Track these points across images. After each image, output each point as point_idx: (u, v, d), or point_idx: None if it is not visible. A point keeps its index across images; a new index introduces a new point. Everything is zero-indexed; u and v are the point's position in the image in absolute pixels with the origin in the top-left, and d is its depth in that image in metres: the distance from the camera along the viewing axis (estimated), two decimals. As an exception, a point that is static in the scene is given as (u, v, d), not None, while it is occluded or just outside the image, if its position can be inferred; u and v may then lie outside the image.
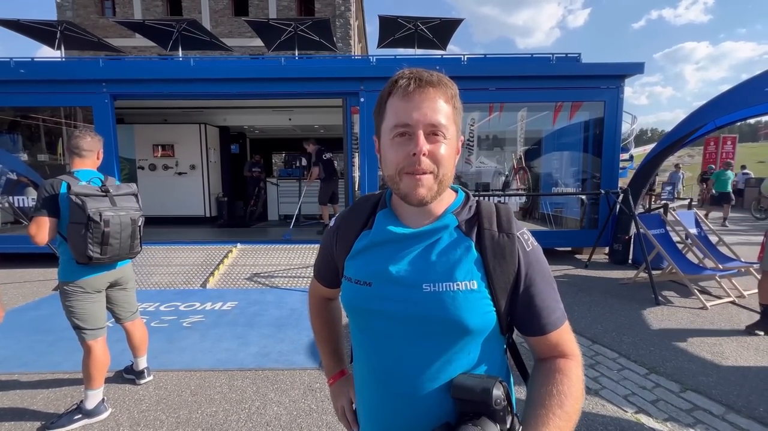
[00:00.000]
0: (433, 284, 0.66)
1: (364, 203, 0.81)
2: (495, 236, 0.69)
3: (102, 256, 1.96)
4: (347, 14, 17.23)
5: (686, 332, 3.24)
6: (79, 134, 2.08)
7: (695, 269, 4.25)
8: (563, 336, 0.70)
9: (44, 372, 2.62)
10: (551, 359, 0.70)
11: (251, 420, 2.12)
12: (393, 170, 0.67)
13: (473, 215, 0.73)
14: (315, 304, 0.98)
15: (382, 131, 0.70)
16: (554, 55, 6.22)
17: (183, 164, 8.34)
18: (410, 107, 0.64)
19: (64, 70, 5.77)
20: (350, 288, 0.74)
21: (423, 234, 0.71)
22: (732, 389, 2.39)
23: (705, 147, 15.76)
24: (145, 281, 4.66)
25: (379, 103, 0.70)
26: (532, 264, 0.69)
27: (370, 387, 0.75)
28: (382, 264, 0.70)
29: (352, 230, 0.78)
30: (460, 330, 0.66)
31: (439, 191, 0.68)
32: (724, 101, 4.63)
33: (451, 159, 0.68)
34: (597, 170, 6.01)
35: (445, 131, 0.66)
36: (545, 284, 0.70)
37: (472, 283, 0.66)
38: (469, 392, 0.62)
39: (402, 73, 0.67)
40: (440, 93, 0.66)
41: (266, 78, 5.74)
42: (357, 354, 0.78)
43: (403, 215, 0.74)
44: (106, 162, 5.49)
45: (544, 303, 0.69)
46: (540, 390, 0.66)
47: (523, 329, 0.71)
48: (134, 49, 16.05)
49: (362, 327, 0.74)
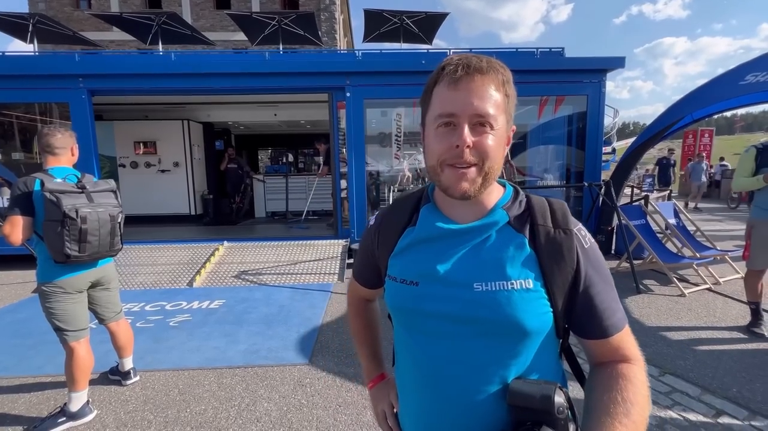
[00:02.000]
0: (485, 283, 0.63)
1: (406, 200, 0.77)
2: (550, 232, 0.65)
3: (81, 254, 1.92)
4: (332, 8, 17.01)
5: (665, 318, 3.36)
6: (48, 131, 2.01)
7: (674, 258, 4.39)
8: (625, 339, 0.66)
9: (25, 376, 2.55)
10: (612, 363, 0.65)
11: (241, 417, 2.12)
12: (434, 161, 0.64)
13: (524, 210, 0.69)
14: (354, 305, 0.95)
15: (427, 120, 0.66)
16: (538, 49, 6.30)
17: (166, 161, 8.16)
18: (456, 96, 0.61)
19: (39, 64, 5.56)
20: (395, 288, 0.70)
21: (472, 230, 0.67)
22: (707, 371, 2.50)
23: (684, 140, 16.21)
24: (130, 281, 4.57)
25: (426, 91, 0.66)
26: (591, 262, 0.65)
27: (416, 391, 0.71)
28: (430, 262, 0.67)
29: (394, 227, 0.75)
30: (516, 331, 0.62)
31: (485, 184, 0.64)
32: (700, 95, 4.76)
33: (499, 151, 0.64)
34: (581, 163, 6.12)
35: (493, 121, 0.61)
36: (605, 283, 0.66)
37: (528, 282, 0.63)
38: (528, 399, 0.58)
39: (450, 60, 0.63)
40: (490, 80, 0.61)
41: (250, 73, 5.64)
42: (402, 357, 0.74)
43: (449, 209, 0.70)
44: (85, 160, 5.38)
45: (605, 304, 0.65)
46: (602, 396, 0.60)
47: (582, 331, 0.67)
48: (112, 43, 15.55)
49: (409, 328, 0.71)
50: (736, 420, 2.02)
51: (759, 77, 3.99)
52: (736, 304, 3.61)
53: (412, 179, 8.03)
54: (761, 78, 3.96)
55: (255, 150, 12.93)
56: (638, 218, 4.74)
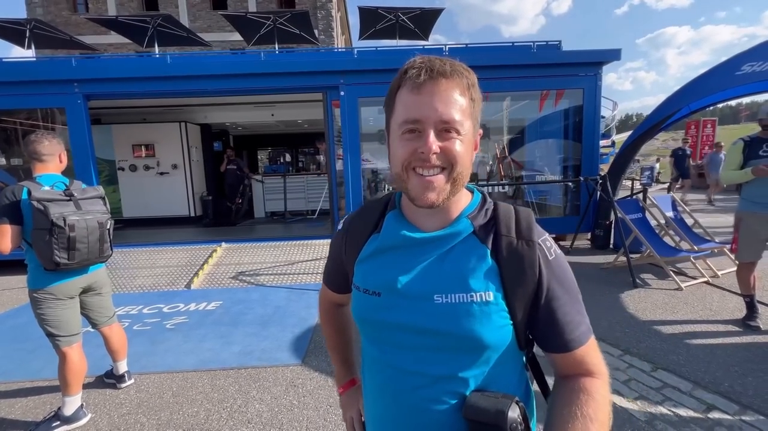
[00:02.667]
0: (446, 295, 0.62)
1: (373, 205, 0.76)
2: (513, 242, 0.64)
3: (70, 261, 1.94)
4: (329, 6, 16.95)
5: (661, 313, 3.34)
6: (35, 138, 2.03)
7: (671, 251, 4.36)
8: (589, 353, 0.65)
9: (23, 381, 2.59)
10: (575, 377, 0.64)
11: (232, 418, 2.14)
12: (399, 167, 0.62)
13: (490, 219, 0.67)
14: (325, 310, 0.94)
15: (392, 125, 0.64)
16: (535, 43, 6.24)
17: (165, 163, 8.20)
18: (420, 102, 0.59)
19: (34, 70, 5.58)
20: (359, 298, 0.70)
21: (435, 240, 0.66)
22: (700, 366, 2.49)
23: (686, 131, 16.05)
24: (129, 284, 4.61)
25: (389, 95, 0.65)
26: (554, 274, 0.64)
27: (378, 400, 0.71)
28: (392, 273, 0.66)
29: (361, 233, 0.74)
30: (474, 344, 0.61)
31: (453, 191, 0.63)
32: (697, 86, 4.71)
33: (467, 157, 0.62)
34: (578, 157, 6.09)
35: (459, 126, 0.60)
36: (569, 296, 0.64)
37: (488, 294, 0.62)
38: (483, 413, 0.58)
39: (412, 62, 0.61)
40: (455, 84, 0.59)
41: (245, 74, 5.64)
42: (366, 366, 0.75)
43: (415, 217, 0.68)
44: (83, 165, 5.43)
45: (568, 317, 0.63)
46: (562, 411, 0.60)
47: (545, 345, 0.66)
48: (110, 46, 15.61)
49: (372, 338, 0.71)
50: (726, 415, 2.01)
51: (755, 67, 3.94)
52: (734, 297, 3.59)
53: None
54: (758, 68, 3.91)
55: (254, 150, 12.96)
56: (635, 212, 4.71)
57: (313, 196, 8.93)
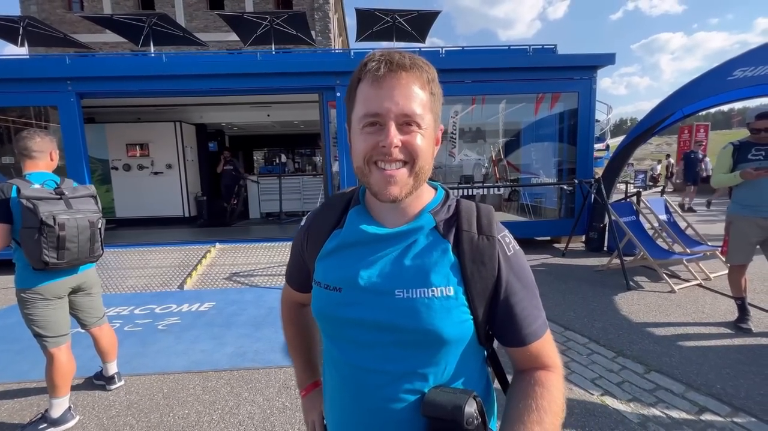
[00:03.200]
0: (407, 290, 0.62)
1: (337, 200, 0.75)
2: (474, 238, 0.64)
3: (59, 261, 1.91)
4: (326, 7, 16.97)
5: (654, 315, 3.36)
6: (26, 134, 2.00)
7: (664, 254, 4.39)
8: (545, 347, 0.66)
9: (9, 382, 2.54)
10: (532, 371, 0.66)
11: (224, 421, 2.11)
12: (361, 161, 0.62)
13: (452, 215, 0.68)
14: (287, 310, 0.91)
15: (352, 120, 0.64)
16: (531, 46, 6.28)
17: (159, 163, 8.14)
18: (380, 95, 0.58)
19: (27, 68, 5.52)
20: (320, 294, 0.69)
21: (397, 235, 0.65)
22: (693, 368, 2.50)
23: (679, 135, 16.24)
24: (120, 284, 4.56)
25: (350, 89, 0.64)
26: (513, 270, 0.65)
27: (338, 400, 0.70)
28: (353, 268, 0.65)
29: (322, 229, 0.73)
30: (435, 340, 0.61)
31: (415, 185, 0.63)
32: (689, 90, 4.76)
33: (428, 151, 0.62)
34: (573, 160, 6.13)
35: (420, 120, 0.60)
36: (526, 291, 0.65)
37: (449, 289, 0.62)
38: (440, 409, 0.58)
39: (372, 56, 0.61)
40: (415, 77, 0.59)
41: (241, 74, 5.62)
42: (326, 364, 0.74)
43: (377, 212, 0.68)
44: (75, 164, 5.37)
45: (525, 312, 0.64)
46: (518, 404, 0.61)
47: (503, 339, 0.67)
48: (105, 45, 15.50)
49: (331, 335, 0.70)
50: (718, 417, 2.02)
51: (747, 72, 3.98)
52: (726, 300, 3.61)
53: None
54: (749, 73, 3.96)
55: (249, 151, 12.91)
56: (629, 215, 4.74)
57: (308, 197, 8.91)
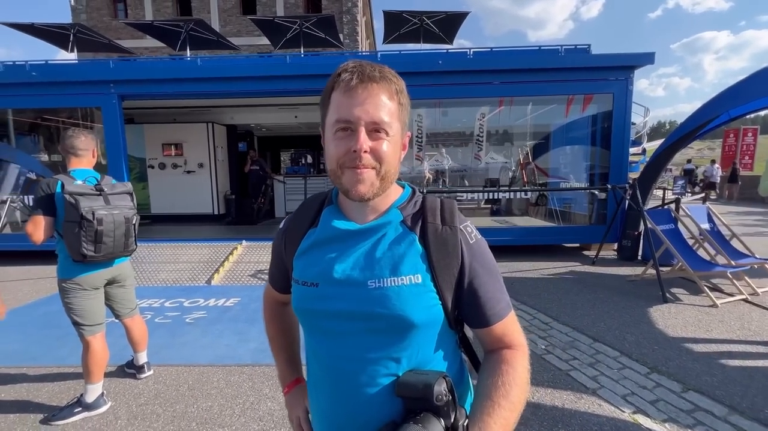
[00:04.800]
0: (378, 280, 0.66)
1: (312, 202, 0.80)
2: (438, 229, 0.69)
3: (96, 254, 2.01)
4: (354, 10, 17.15)
5: (693, 330, 3.15)
6: (73, 133, 2.12)
7: (706, 265, 4.11)
8: (509, 327, 0.71)
9: (50, 366, 2.71)
10: (498, 350, 0.71)
11: (245, 415, 2.15)
12: (334, 164, 0.67)
13: (418, 209, 0.73)
14: (269, 309, 0.96)
15: (326, 124, 0.68)
16: (563, 46, 6.08)
17: (191, 162, 8.48)
18: (352, 103, 0.63)
19: (74, 71, 5.91)
20: (298, 290, 0.73)
21: (368, 230, 0.70)
22: (737, 390, 2.32)
23: (724, 139, 15.22)
24: (152, 278, 4.76)
25: (324, 95, 0.69)
26: (475, 256, 0.69)
27: (322, 390, 0.74)
28: (328, 263, 0.70)
29: (299, 229, 0.77)
30: (405, 325, 0.65)
31: (382, 187, 0.68)
32: (738, 91, 4.44)
33: (394, 156, 0.68)
34: (606, 165, 5.86)
35: (387, 128, 0.65)
36: (489, 275, 0.70)
37: (417, 277, 0.66)
38: (412, 389, 0.62)
39: (345, 67, 0.66)
40: (383, 89, 0.65)
41: (271, 76, 5.77)
42: (309, 358, 0.77)
43: (349, 211, 0.73)
44: (116, 161, 5.68)
45: (488, 295, 0.69)
46: (486, 381, 0.67)
47: (470, 321, 0.72)
48: (146, 49, 16.32)
49: (312, 329, 0.73)
50: (766, 445, 1.86)
51: (804, 72, 3.68)
52: (775, 317, 3.34)
53: (433, 180, 7.96)
54: (807, 72, 3.66)
55: (276, 151, 13.23)
56: (667, 223, 4.48)
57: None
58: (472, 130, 7.70)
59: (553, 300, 3.91)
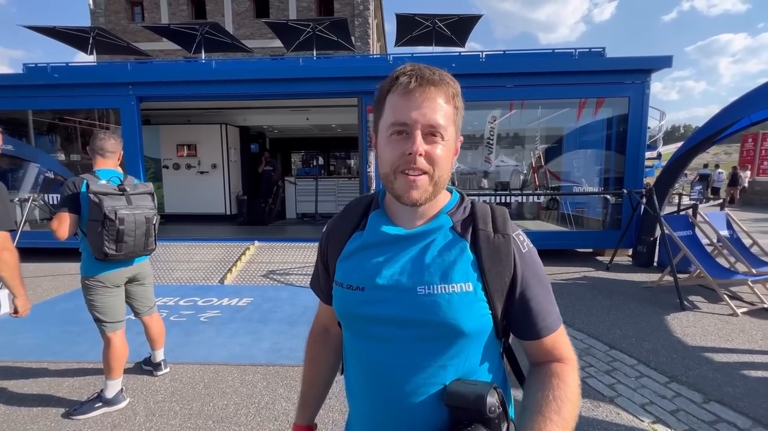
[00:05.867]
0: (428, 286, 0.65)
1: (356, 205, 0.79)
2: (490, 236, 0.68)
3: (117, 253, 2.05)
4: (366, 13, 17.25)
5: (713, 339, 3.08)
6: (104, 136, 2.19)
7: (725, 273, 4.02)
8: (559, 340, 0.69)
9: (70, 361, 2.77)
10: (547, 363, 0.69)
11: (260, 415, 2.17)
12: (388, 168, 0.66)
13: (468, 215, 0.72)
14: (313, 333, 0.92)
15: (380, 127, 0.68)
16: (577, 50, 6.03)
17: (205, 163, 8.60)
18: (409, 106, 0.63)
19: (93, 73, 6.06)
20: (342, 294, 0.72)
21: (417, 236, 0.69)
22: (761, 401, 2.25)
23: (742, 144, 14.90)
24: (167, 276, 4.84)
25: (379, 98, 0.69)
26: (528, 266, 0.68)
27: (363, 395, 0.72)
28: (375, 268, 0.68)
29: (343, 232, 0.76)
30: (455, 333, 0.64)
31: (434, 192, 0.67)
32: (760, 95, 4.34)
33: (448, 161, 0.67)
34: (620, 169, 5.78)
35: (443, 131, 0.64)
36: (541, 286, 0.69)
37: (468, 285, 0.65)
38: (463, 399, 0.61)
39: (403, 70, 0.65)
40: (441, 92, 0.64)
41: (283, 78, 5.84)
42: (349, 362, 0.76)
43: (397, 215, 0.72)
44: (132, 161, 5.79)
45: (540, 306, 0.68)
46: (536, 395, 0.64)
47: (519, 332, 0.70)
48: (161, 52, 16.64)
49: (355, 333, 0.72)
50: (792, 459, 1.81)
51: (830, 76, 3.58)
52: (799, 327, 3.25)
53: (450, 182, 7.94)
54: (833, 76, 3.56)
55: (287, 153, 13.34)
56: (684, 229, 4.39)
57: (343, 199, 9.04)
58: (482, 133, 7.66)
59: (567, 306, 3.87)
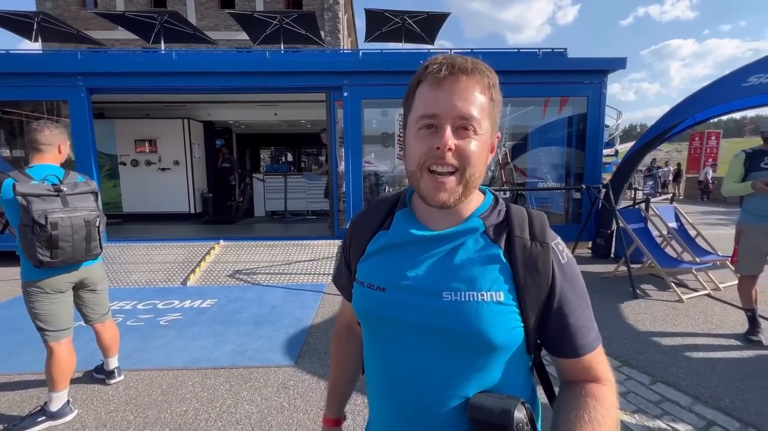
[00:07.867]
0: (455, 292, 0.60)
1: (382, 203, 0.75)
2: (527, 244, 0.63)
3: (53, 260, 1.89)
4: (336, 8, 17.00)
5: (661, 324, 3.29)
6: (36, 126, 1.99)
7: (673, 262, 4.31)
8: (597, 359, 0.64)
9: (11, 374, 2.56)
10: (583, 383, 0.63)
11: (221, 419, 2.10)
12: (414, 165, 0.61)
13: (503, 220, 0.66)
14: (336, 331, 0.89)
15: (409, 121, 0.63)
16: (541, 50, 6.23)
17: (166, 159, 8.20)
18: (439, 96, 0.58)
19: (39, 62, 5.59)
20: (362, 293, 0.68)
21: (446, 237, 0.64)
22: (701, 380, 2.44)
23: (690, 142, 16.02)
24: (124, 279, 4.58)
25: (409, 91, 0.64)
26: (567, 278, 0.63)
27: (381, 400, 0.69)
28: (398, 268, 0.65)
29: (367, 230, 0.72)
30: (482, 345, 0.60)
31: (465, 193, 0.62)
32: (702, 97, 4.67)
33: (482, 158, 0.61)
34: (581, 165, 6.05)
35: (476, 125, 0.59)
36: (580, 301, 0.64)
37: (499, 294, 0.60)
38: (488, 413, 0.57)
39: (434, 59, 0.61)
40: (475, 81, 0.59)
41: (249, 72, 5.64)
42: (369, 364, 0.73)
43: (425, 215, 0.68)
44: (84, 157, 5.42)
45: (579, 322, 0.62)
46: (569, 415, 0.58)
47: (554, 349, 0.65)
48: (117, 41, 15.66)
49: (374, 334, 0.69)
50: (726, 432, 1.96)
51: (762, 79, 3.90)
52: (735, 311, 3.53)
53: None
54: (764, 80, 3.88)
55: (256, 149, 12.96)
56: (637, 222, 4.66)
57: (313, 196, 8.92)
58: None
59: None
